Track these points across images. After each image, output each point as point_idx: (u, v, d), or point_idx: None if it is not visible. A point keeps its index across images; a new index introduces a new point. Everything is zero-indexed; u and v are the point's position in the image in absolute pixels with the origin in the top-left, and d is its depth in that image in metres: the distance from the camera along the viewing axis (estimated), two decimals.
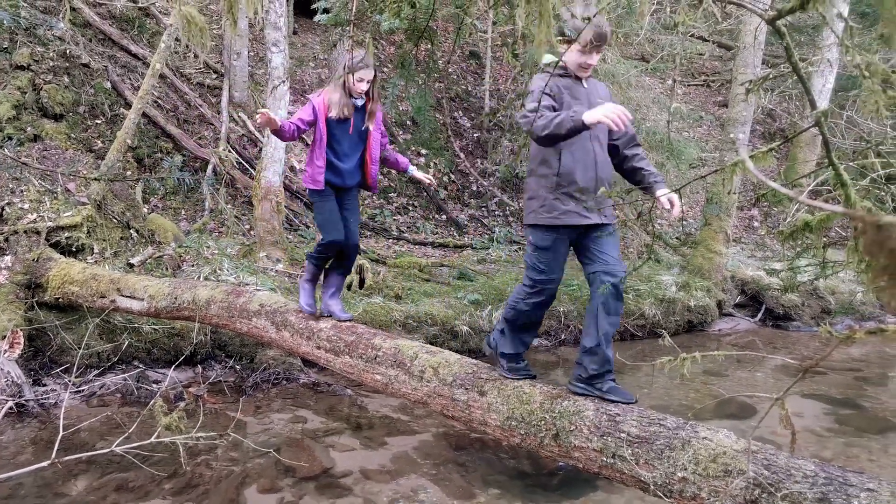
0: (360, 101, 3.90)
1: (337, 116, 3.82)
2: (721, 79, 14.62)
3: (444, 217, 10.54)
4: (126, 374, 5.13)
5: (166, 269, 6.29)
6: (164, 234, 6.82)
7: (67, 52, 8.24)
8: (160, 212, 7.76)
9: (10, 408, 4.45)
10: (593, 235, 2.99)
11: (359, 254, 4.92)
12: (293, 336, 4.02)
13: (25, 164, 6.55)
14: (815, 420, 4.97)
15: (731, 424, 4.58)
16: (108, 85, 8.47)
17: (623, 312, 3.14)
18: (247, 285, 5.58)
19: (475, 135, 12.02)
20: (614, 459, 2.56)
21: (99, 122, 8.10)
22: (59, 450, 3.35)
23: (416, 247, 9.36)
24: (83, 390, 4.96)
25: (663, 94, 13.20)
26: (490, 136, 11.87)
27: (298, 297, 4.15)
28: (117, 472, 3.76)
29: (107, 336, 5.32)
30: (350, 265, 4.26)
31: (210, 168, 8.58)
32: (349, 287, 6.64)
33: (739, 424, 4.67)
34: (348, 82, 3.81)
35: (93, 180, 6.48)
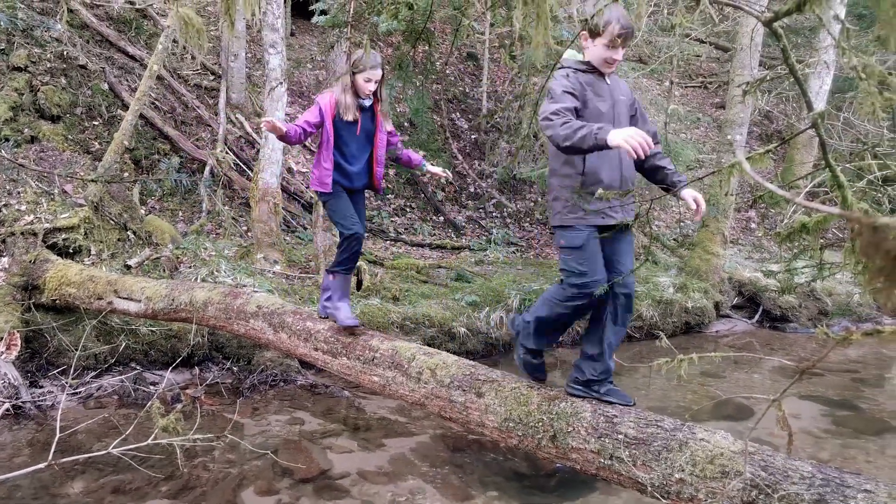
0: (368, 102, 3.84)
1: (344, 117, 3.76)
2: (718, 80, 14.65)
3: (441, 218, 10.54)
4: (123, 376, 5.12)
5: (163, 270, 6.28)
6: (161, 235, 6.81)
7: (65, 53, 8.23)
8: (157, 213, 7.75)
9: (7, 410, 4.45)
10: (613, 238, 2.91)
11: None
12: (290, 338, 4.01)
13: (22, 166, 6.54)
14: (813, 421, 4.97)
15: (728, 426, 4.59)
16: (106, 86, 8.46)
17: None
18: (244, 287, 5.57)
19: (473, 136, 12.03)
20: (612, 461, 2.57)
21: (96, 123, 8.09)
22: (56, 452, 3.34)
23: (414, 248, 9.35)
24: (80, 392, 4.95)
25: (661, 96, 13.24)
26: (488, 137, 11.87)
27: (336, 317, 3.83)
28: (114, 474, 3.75)
29: (104, 338, 5.31)
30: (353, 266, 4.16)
31: (207, 170, 8.58)
32: None
33: (737, 426, 4.68)
34: (356, 82, 3.76)
35: (90, 182, 6.47)
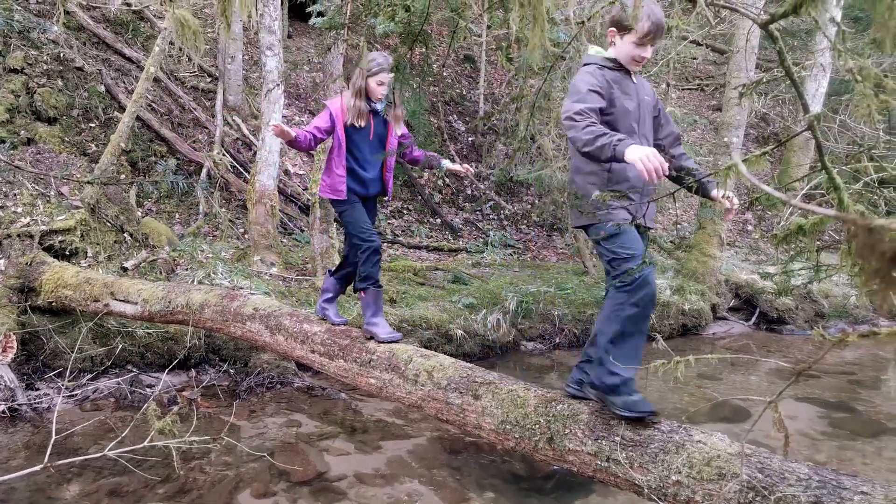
0: (381, 106, 3.77)
1: (356, 122, 3.71)
2: (715, 83, 14.68)
3: (438, 221, 10.54)
4: (119, 378, 5.11)
5: (160, 272, 6.27)
6: (157, 237, 6.80)
7: (61, 55, 8.22)
8: (154, 215, 7.73)
9: (3, 412, 4.43)
10: None
11: None
12: (287, 340, 4.01)
13: (19, 168, 6.52)
14: (809, 423, 4.98)
15: (725, 428, 4.60)
16: (102, 88, 8.45)
17: None
18: (241, 289, 5.57)
19: (470, 138, 12.03)
20: (608, 463, 2.56)
21: (93, 125, 8.07)
22: (52, 454, 3.33)
23: (411, 250, 9.36)
24: (76, 394, 4.94)
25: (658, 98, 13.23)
26: (485, 139, 11.88)
27: (375, 333, 3.70)
28: (110, 477, 3.74)
29: (100, 340, 5.30)
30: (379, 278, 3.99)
31: (204, 172, 8.57)
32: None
33: (733, 428, 4.68)
34: (368, 86, 3.70)
35: (86, 184, 6.46)
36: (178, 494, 3.60)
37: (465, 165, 4.18)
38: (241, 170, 9.06)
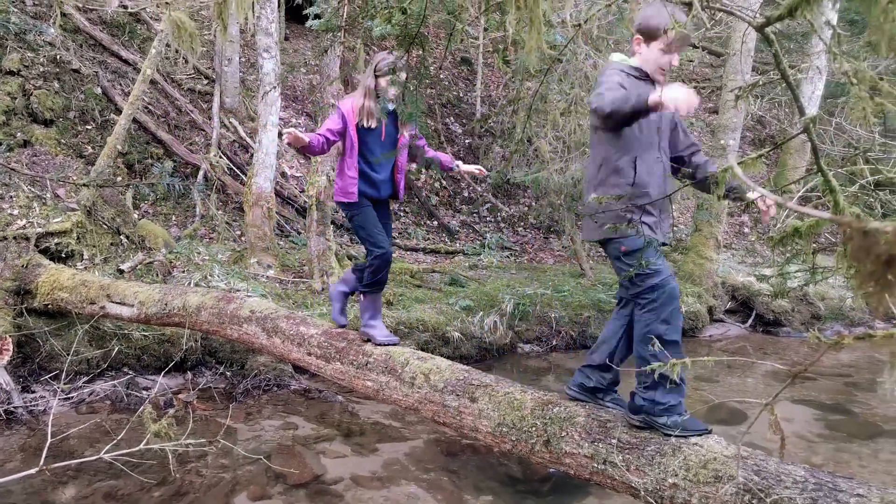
0: (392, 106, 3.68)
1: (367, 123, 3.67)
2: (711, 85, 14.70)
3: (435, 223, 10.54)
4: (115, 381, 5.10)
5: (157, 275, 6.26)
6: (154, 240, 6.79)
7: (58, 57, 8.21)
8: (151, 218, 7.72)
9: None
10: None
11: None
12: (284, 342, 4.00)
13: (15, 170, 6.51)
14: (805, 425, 4.98)
15: (721, 430, 4.58)
16: (99, 90, 8.44)
17: None
18: (237, 291, 5.56)
19: (467, 141, 12.04)
20: (605, 465, 2.57)
21: (89, 127, 8.06)
22: (48, 457, 3.32)
23: (408, 252, 9.35)
24: (72, 397, 4.92)
25: None
26: (481, 142, 11.89)
27: (373, 336, 3.74)
28: (106, 480, 3.73)
29: (96, 342, 5.29)
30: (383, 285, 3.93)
31: (201, 174, 8.56)
32: None
33: (730, 430, 4.68)
34: (379, 86, 3.64)
35: (83, 186, 6.45)
36: (175, 497, 3.59)
37: (479, 167, 4.14)
38: (238, 172, 9.06)
